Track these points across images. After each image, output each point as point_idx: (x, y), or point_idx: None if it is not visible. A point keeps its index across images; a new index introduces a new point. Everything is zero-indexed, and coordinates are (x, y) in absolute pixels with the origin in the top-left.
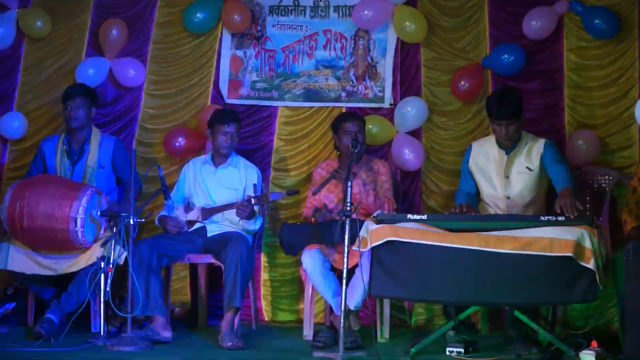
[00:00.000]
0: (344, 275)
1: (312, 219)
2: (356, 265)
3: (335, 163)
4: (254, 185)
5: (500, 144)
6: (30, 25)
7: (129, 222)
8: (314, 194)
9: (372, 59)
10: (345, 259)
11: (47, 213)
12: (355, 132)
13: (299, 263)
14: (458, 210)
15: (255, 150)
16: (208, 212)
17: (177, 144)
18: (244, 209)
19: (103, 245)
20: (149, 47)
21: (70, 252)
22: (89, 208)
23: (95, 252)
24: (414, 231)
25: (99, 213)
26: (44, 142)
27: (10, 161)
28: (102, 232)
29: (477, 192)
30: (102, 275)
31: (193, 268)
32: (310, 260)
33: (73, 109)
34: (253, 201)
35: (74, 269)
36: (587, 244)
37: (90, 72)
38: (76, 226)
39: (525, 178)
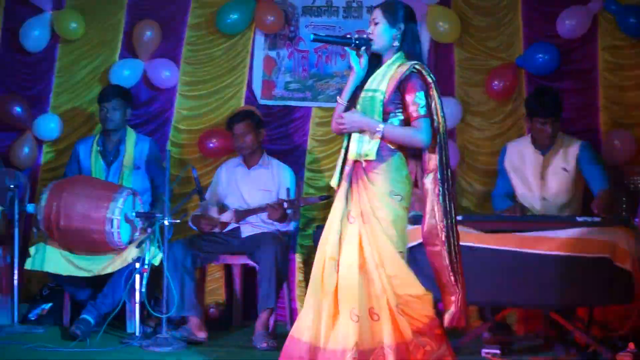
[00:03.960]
0: None
1: None
2: None
3: None
4: (287, 189)
5: (536, 145)
6: (64, 27)
7: (164, 223)
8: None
9: None
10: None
11: (84, 214)
12: None
13: None
14: (510, 212)
15: (288, 151)
16: (241, 215)
17: (211, 145)
18: (275, 211)
19: (138, 246)
20: (182, 48)
21: (105, 253)
22: (125, 209)
23: (130, 253)
24: None
25: (134, 214)
26: (78, 144)
27: (45, 162)
28: (137, 233)
29: (514, 193)
30: (138, 276)
31: (228, 269)
32: None
33: (109, 110)
34: (285, 205)
35: (110, 270)
36: (624, 245)
37: (124, 73)
38: (112, 227)
39: (561, 179)
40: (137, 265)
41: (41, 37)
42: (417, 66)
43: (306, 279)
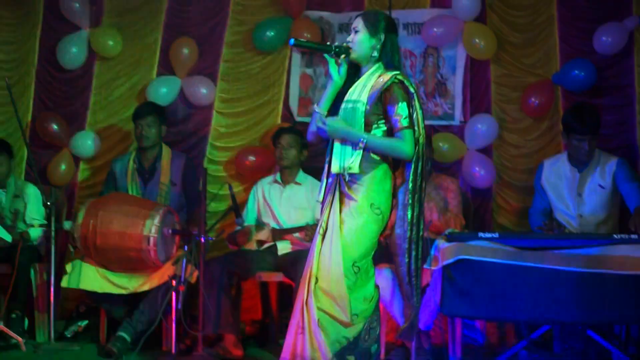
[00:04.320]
0: None
1: (382, 239)
2: (427, 284)
3: None
4: None
5: (572, 162)
6: (102, 45)
7: (200, 240)
8: None
9: (441, 76)
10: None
11: (120, 232)
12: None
13: None
14: (547, 229)
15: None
16: (278, 234)
17: (248, 162)
18: (312, 233)
19: (175, 263)
20: (219, 65)
21: (142, 271)
22: (162, 227)
23: (167, 271)
24: (485, 249)
25: (170, 232)
26: (114, 162)
27: (82, 179)
28: (173, 250)
29: (551, 210)
30: (174, 293)
31: (264, 286)
32: (381, 279)
33: (144, 128)
34: None
35: (146, 287)
36: None
37: (162, 90)
38: (148, 245)
39: (597, 196)
40: (174, 282)
41: (78, 54)
42: (399, 76)
43: None
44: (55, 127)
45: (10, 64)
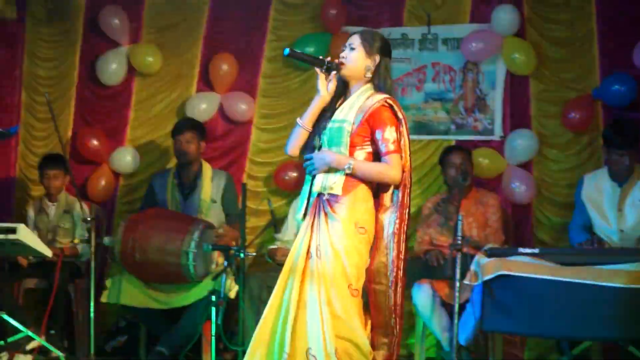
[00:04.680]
0: (455, 310)
1: (422, 255)
2: (467, 300)
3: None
4: None
5: (613, 176)
6: (141, 61)
7: (240, 256)
8: (417, 230)
9: (481, 91)
10: (456, 294)
11: (159, 247)
12: (460, 163)
13: (409, 298)
14: (587, 245)
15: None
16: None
17: (287, 177)
18: None
19: (214, 279)
20: (259, 81)
21: (181, 286)
22: (201, 242)
23: (206, 286)
24: (525, 265)
25: (210, 247)
26: (154, 177)
27: (122, 195)
28: (213, 265)
29: (592, 225)
30: (213, 308)
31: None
32: (421, 295)
33: (183, 144)
34: None
35: (186, 302)
36: None
37: (201, 106)
38: (188, 260)
39: (638, 211)
40: (213, 298)
41: (118, 70)
42: (389, 100)
43: None
44: (95, 142)
45: (50, 81)
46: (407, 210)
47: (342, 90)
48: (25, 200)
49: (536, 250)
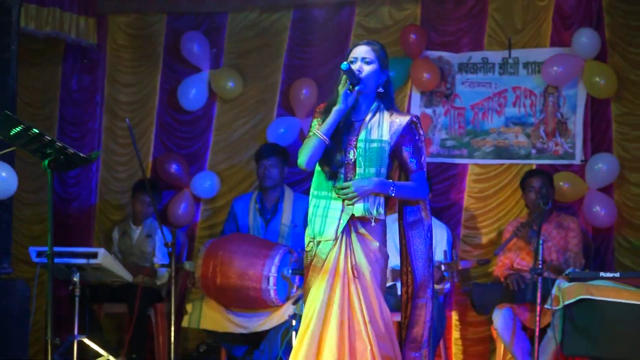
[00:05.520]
0: (536, 334)
1: (503, 279)
2: (548, 324)
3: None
4: (445, 251)
5: None
6: (222, 86)
7: None
8: (496, 254)
9: (562, 115)
10: (537, 318)
11: (240, 271)
12: (540, 187)
13: (490, 322)
14: None
15: (445, 208)
16: (398, 274)
17: None
18: (437, 274)
19: (295, 303)
20: None
21: (262, 310)
22: (281, 266)
23: (287, 310)
24: (607, 289)
25: (290, 271)
26: (235, 201)
27: (203, 220)
28: (293, 290)
29: None
30: (294, 333)
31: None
32: (502, 319)
33: (267, 168)
34: (443, 267)
35: (266, 327)
36: None
37: (281, 131)
38: (269, 284)
39: None
40: (294, 322)
41: (199, 96)
42: (414, 119)
43: (462, 337)
44: (176, 167)
45: (131, 106)
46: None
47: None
48: (106, 224)
49: (617, 274)
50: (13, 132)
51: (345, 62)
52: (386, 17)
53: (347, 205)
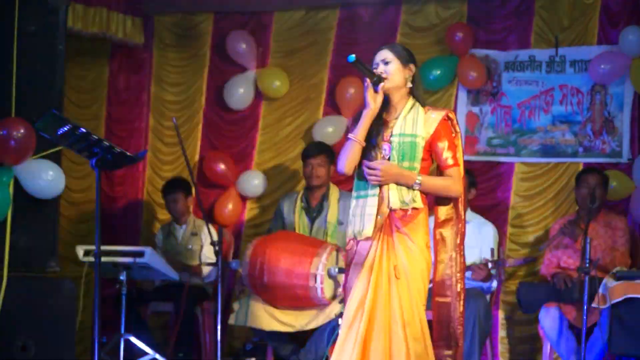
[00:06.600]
0: (583, 333)
1: (550, 278)
2: (595, 324)
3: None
4: (491, 249)
5: None
6: (268, 85)
7: None
8: (541, 250)
9: (609, 113)
10: (584, 317)
11: (287, 270)
12: (593, 185)
13: (537, 320)
14: None
15: (492, 206)
16: None
17: None
18: (480, 272)
19: (342, 301)
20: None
21: (309, 309)
22: (329, 265)
23: (333, 309)
24: None
25: (337, 270)
26: (282, 200)
27: (249, 218)
28: (340, 288)
29: None
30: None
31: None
32: (549, 318)
33: (314, 167)
34: (490, 265)
35: (313, 325)
36: None
37: (328, 130)
38: (316, 283)
39: None
40: (340, 321)
41: (245, 95)
42: (450, 114)
43: (509, 336)
44: (222, 166)
45: (178, 105)
46: (464, 222)
47: (383, 105)
48: (153, 223)
49: None
50: (60, 131)
51: (351, 55)
52: (432, 15)
53: (372, 183)
